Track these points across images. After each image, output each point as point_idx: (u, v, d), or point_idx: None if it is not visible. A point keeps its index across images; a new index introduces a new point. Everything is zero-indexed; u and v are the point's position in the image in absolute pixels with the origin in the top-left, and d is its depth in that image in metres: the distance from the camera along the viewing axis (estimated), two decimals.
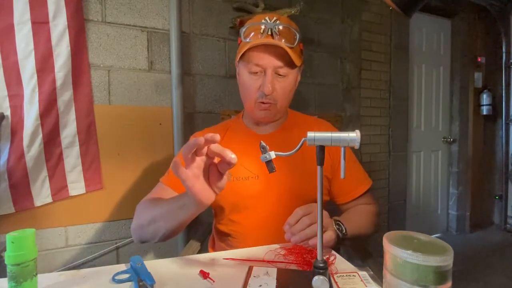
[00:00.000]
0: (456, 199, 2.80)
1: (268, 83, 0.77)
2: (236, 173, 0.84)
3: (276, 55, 0.76)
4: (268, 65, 0.77)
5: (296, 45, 0.78)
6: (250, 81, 0.80)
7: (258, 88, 0.79)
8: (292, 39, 0.77)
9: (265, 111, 0.82)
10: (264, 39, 0.75)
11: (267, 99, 0.79)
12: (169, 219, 0.66)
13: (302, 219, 0.64)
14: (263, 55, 0.76)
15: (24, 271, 0.47)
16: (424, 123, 2.68)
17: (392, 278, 0.44)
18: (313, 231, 0.63)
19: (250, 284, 0.54)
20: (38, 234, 1.29)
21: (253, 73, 0.79)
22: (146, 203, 0.79)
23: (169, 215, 0.66)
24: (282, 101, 0.82)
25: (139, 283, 0.54)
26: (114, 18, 1.41)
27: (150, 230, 0.70)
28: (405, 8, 0.73)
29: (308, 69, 1.92)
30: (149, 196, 0.84)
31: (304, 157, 0.83)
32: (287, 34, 0.77)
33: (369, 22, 2.20)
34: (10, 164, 1.20)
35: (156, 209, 0.72)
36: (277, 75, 0.79)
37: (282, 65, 0.77)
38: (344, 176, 0.50)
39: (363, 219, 0.84)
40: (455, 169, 2.80)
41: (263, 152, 0.58)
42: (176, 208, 0.64)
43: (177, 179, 0.81)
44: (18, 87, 1.22)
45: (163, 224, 0.67)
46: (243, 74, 0.82)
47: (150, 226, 0.70)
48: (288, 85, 0.81)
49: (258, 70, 0.78)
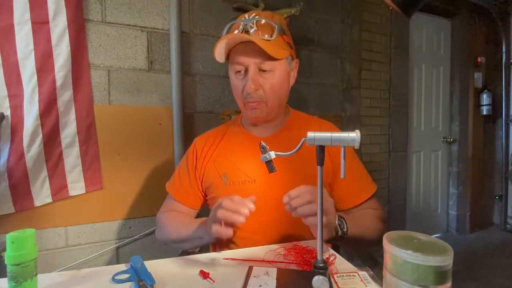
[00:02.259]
0: (456, 199, 2.80)
1: (250, 81, 0.76)
2: (233, 177, 0.83)
3: (254, 51, 0.74)
4: (248, 62, 0.76)
5: (274, 38, 0.75)
6: (236, 81, 0.80)
7: (243, 88, 0.79)
8: (270, 32, 0.75)
9: (254, 110, 0.80)
10: (233, 34, 0.74)
11: (252, 98, 0.77)
12: (190, 243, 0.80)
13: (303, 194, 0.61)
14: (242, 52, 0.76)
15: (24, 271, 0.47)
16: (424, 123, 2.68)
17: (392, 278, 0.44)
18: (311, 210, 0.60)
19: (250, 284, 0.54)
20: (38, 234, 1.29)
21: (238, 73, 0.79)
22: (166, 220, 0.88)
23: (190, 240, 0.78)
24: (273, 98, 0.79)
25: (139, 283, 0.54)
26: (114, 18, 1.41)
27: (175, 246, 0.86)
28: (405, 8, 0.73)
29: (308, 69, 1.92)
30: (165, 210, 0.93)
31: (303, 160, 0.81)
32: (264, 27, 0.75)
33: (369, 22, 2.20)
34: (10, 164, 1.20)
35: (177, 231, 0.82)
36: (261, 71, 0.77)
37: (262, 60, 0.75)
38: (344, 176, 0.50)
39: (368, 223, 0.79)
40: (455, 169, 2.80)
41: (263, 152, 0.58)
42: (195, 238, 0.76)
43: (182, 191, 0.90)
44: (18, 87, 1.22)
45: (185, 245, 0.82)
46: (231, 76, 0.82)
47: (174, 244, 0.85)
48: (276, 81, 0.78)
49: (241, 68, 0.78)
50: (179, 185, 0.91)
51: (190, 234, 0.76)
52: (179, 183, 0.90)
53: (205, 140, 0.91)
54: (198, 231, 0.74)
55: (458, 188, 2.79)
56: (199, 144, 0.91)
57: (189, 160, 0.90)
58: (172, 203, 0.91)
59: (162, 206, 0.94)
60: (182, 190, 0.90)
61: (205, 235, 0.71)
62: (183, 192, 0.90)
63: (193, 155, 0.90)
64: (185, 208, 0.90)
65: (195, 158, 0.89)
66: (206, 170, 0.87)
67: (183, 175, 0.91)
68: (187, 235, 0.77)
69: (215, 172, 0.85)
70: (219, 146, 0.89)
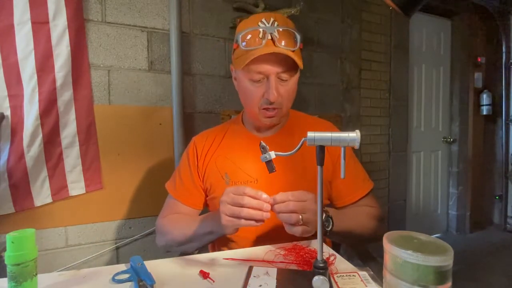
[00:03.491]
0: (456, 199, 2.80)
1: (273, 90, 0.74)
2: (235, 177, 0.83)
3: (278, 60, 0.73)
4: (271, 72, 0.74)
5: (297, 47, 0.75)
6: (252, 88, 0.77)
7: (261, 95, 0.77)
8: (293, 42, 0.74)
9: (271, 118, 0.80)
10: (267, 48, 0.72)
11: (273, 105, 0.77)
12: (198, 241, 0.76)
13: (287, 202, 0.60)
14: (263, 61, 0.74)
15: (24, 271, 0.47)
16: (424, 123, 2.68)
17: (392, 278, 0.44)
18: (290, 219, 0.60)
19: (250, 284, 0.54)
20: (38, 234, 1.29)
21: (255, 81, 0.77)
22: (169, 223, 0.85)
23: (198, 238, 0.75)
24: (287, 105, 0.81)
25: (139, 283, 0.54)
26: (114, 18, 1.41)
27: (180, 250, 0.81)
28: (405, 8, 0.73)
29: (308, 69, 1.92)
30: (165, 214, 0.90)
31: (303, 160, 0.82)
32: (288, 37, 0.74)
33: (369, 22, 2.20)
34: (10, 164, 1.20)
35: (182, 231, 0.79)
36: (280, 80, 0.77)
37: (285, 70, 0.75)
38: (344, 176, 0.50)
39: (360, 220, 0.80)
40: (455, 169, 2.80)
41: (263, 152, 0.58)
42: (204, 233, 0.73)
43: (184, 191, 0.88)
44: (18, 87, 1.22)
45: (193, 245, 0.78)
46: (244, 82, 0.79)
47: (180, 246, 0.80)
48: (292, 88, 0.79)
49: (261, 77, 0.76)
50: (180, 185, 0.89)
51: (199, 231, 0.74)
52: (181, 183, 0.89)
53: (205, 139, 0.90)
54: (207, 225, 0.73)
55: (458, 188, 2.79)
56: (199, 143, 0.90)
57: (190, 159, 0.89)
58: (173, 205, 0.89)
59: (162, 211, 0.91)
60: (184, 190, 0.88)
61: (215, 228, 0.69)
62: (185, 191, 0.88)
63: (194, 153, 0.89)
64: (187, 209, 0.88)
65: (195, 157, 0.88)
66: (207, 169, 0.86)
67: (184, 174, 0.89)
68: (194, 233, 0.75)
69: (216, 171, 0.85)
70: (220, 145, 0.88)
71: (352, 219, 0.78)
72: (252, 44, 0.74)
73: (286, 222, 0.61)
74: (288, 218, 0.60)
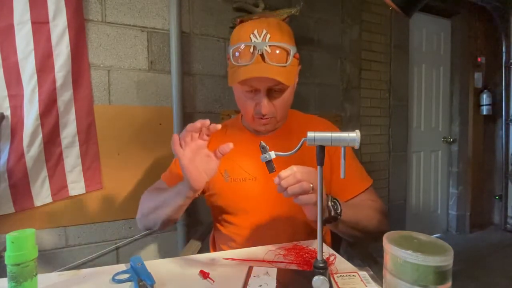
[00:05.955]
0: (456, 199, 2.80)
1: (264, 104, 0.75)
2: (234, 174, 0.83)
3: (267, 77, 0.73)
4: (261, 87, 0.75)
5: (289, 63, 0.74)
6: (245, 99, 0.79)
7: (255, 106, 0.78)
8: (285, 56, 0.73)
9: (265, 125, 0.82)
10: (255, 66, 0.71)
11: (266, 116, 0.78)
12: (168, 206, 0.72)
13: (293, 173, 0.59)
14: (255, 79, 0.73)
15: (24, 271, 0.47)
16: (424, 123, 2.68)
17: (392, 278, 0.44)
18: (301, 188, 0.58)
19: (250, 284, 0.54)
20: (38, 234, 1.29)
21: (248, 92, 0.77)
22: (147, 194, 0.85)
23: (167, 202, 0.72)
24: (283, 113, 0.82)
25: (139, 283, 0.54)
26: (114, 18, 1.41)
27: (151, 218, 0.78)
28: (405, 8, 0.73)
29: (308, 69, 1.92)
30: (150, 188, 0.89)
31: (303, 159, 0.82)
32: (280, 51, 0.73)
33: (369, 22, 2.20)
34: (10, 164, 1.20)
35: (156, 198, 0.78)
36: (274, 91, 0.77)
37: (276, 84, 0.74)
38: (344, 176, 0.50)
39: (365, 211, 0.78)
40: (455, 169, 2.80)
41: (263, 152, 0.58)
42: (173, 195, 0.71)
43: (175, 177, 0.86)
44: (18, 87, 1.22)
45: (162, 211, 0.74)
46: (238, 92, 0.80)
47: (151, 214, 0.77)
48: (287, 97, 0.79)
49: (253, 89, 0.76)
50: (172, 172, 0.88)
51: (168, 194, 0.73)
52: (173, 170, 0.88)
53: None
54: (174, 187, 0.72)
55: (458, 188, 2.79)
56: None
57: None
58: (157, 184, 0.89)
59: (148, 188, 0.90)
60: (173, 176, 0.87)
61: (181, 185, 0.69)
62: (175, 177, 0.86)
63: None
64: None
65: None
66: None
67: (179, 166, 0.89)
68: (166, 195, 0.74)
69: None
70: (220, 142, 0.88)
71: (358, 209, 0.77)
72: (243, 59, 0.73)
73: (298, 193, 0.59)
74: (300, 187, 0.58)
